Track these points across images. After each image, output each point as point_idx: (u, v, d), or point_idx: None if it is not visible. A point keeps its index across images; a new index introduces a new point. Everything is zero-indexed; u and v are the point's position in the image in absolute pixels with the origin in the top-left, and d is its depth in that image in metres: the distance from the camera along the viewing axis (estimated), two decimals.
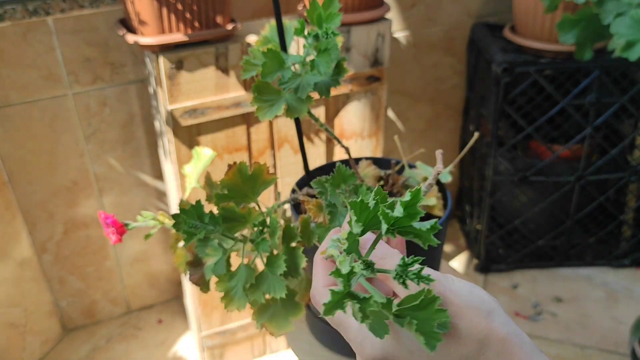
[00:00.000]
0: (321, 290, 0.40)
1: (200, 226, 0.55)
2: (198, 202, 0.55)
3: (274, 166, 1.21)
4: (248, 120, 1.14)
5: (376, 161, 0.84)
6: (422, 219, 0.37)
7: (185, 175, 0.81)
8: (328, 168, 0.84)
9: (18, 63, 1.15)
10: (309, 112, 0.66)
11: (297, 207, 0.77)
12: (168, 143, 1.11)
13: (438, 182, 0.80)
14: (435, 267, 0.78)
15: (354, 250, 0.36)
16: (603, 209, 1.56)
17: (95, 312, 1.52)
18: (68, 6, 1.09)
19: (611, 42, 1.26)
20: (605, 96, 1.34)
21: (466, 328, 0.35)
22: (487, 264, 1.60)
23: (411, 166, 0.83)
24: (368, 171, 0.81)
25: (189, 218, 0.54)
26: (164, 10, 0.97)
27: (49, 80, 1.19)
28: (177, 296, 1.60)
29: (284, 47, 0.68)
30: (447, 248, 1.74)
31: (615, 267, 1.59)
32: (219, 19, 1.03)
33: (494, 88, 1.34)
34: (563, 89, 1.35)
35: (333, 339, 0.84)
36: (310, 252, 0.68)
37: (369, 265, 0.35)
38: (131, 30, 1.04)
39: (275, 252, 0.59)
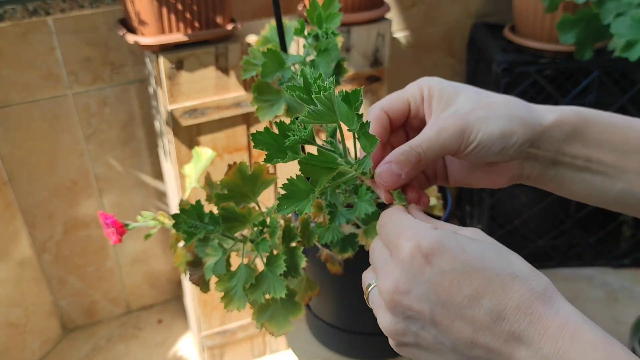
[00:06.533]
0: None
1: (200, 226, 0.54)
2: (198, 202, 0.55)
3: (274, 166, 1.22)
4: (248, 120, 1.14)
5: None
6: None
7: (185, 175, 0.81)
8: None
9: (18, 63, 1.15)
10: None
11: None
12: (168, 143, 1.11)
13: None
14: None
15: None
16: (603, 209, 1.56)
17: (95, 312, 1.52)
18: (68, 6, 1.09)
19: (611, 42, 1.25)
20: (605, 96, 1.33)
21: (519, 258, 0.35)
22: None
23: None
24: None
25: (189, 218, 0.54)
26: (164, 10, 0.97)
27: (49, 80, 1.19)
28: (177, 296, 1.60)
29: (284, 47, 0.68)
30: None
31: (615, 267, 1.59)
32: (219, 19, 1.03)
33: (494, 88, 1.34)
34: (563, 89, 1.35)
35: (333, 339, 0.84)
36: (310, 252, 0.68)
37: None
38: (131, 30, 1.04)
39: (275, 252, 0.59)
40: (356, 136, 0.41)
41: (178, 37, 1.00)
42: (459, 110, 0.42)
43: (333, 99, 0.37)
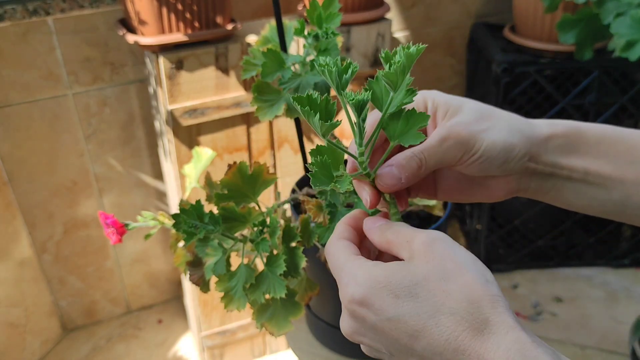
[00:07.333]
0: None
1: (200, 226, 0.54)
2: (198, 202, 0.55)
3: (274, 166, 1.22)
4: (248, 120, 1.14)
5: None
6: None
7: (185, 175, 0.81)
8: None
9: (18, 63, 1.15)
10: None
11: (297, 207, 0.77)
12: (168, 143, 1.11)
13: None
14: None
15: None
16: None
17: (95, 312, 1.52)
18: (68, 6, 1.09)
19: (611, 42, 1.25)
20: (605, 96, 1.34)
21: (459, 285, 0.35)
22: (487, 264, 1.59)
23: None
24: None
25: (189, 218, 0.54)
26: (164, 10, 0.97)
27: (49, 80, 1.19)
28: (177, 296, 1.60)
29: (284, 47, 0.68)
30: None
31: (615, 267, 1.59)
32: (219, 19, 1.03)
33: (494, 88, 1.34)
34: (563, 89, 1.35)
35: (333, 339, 0.84)
36: (310, 252, 0.68)
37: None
38: (131, 30, 1.04)
39: (275, 252, 0.59)
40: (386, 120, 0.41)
41: (178, 37, 1.00)
42: (463, 120, 0.43)
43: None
